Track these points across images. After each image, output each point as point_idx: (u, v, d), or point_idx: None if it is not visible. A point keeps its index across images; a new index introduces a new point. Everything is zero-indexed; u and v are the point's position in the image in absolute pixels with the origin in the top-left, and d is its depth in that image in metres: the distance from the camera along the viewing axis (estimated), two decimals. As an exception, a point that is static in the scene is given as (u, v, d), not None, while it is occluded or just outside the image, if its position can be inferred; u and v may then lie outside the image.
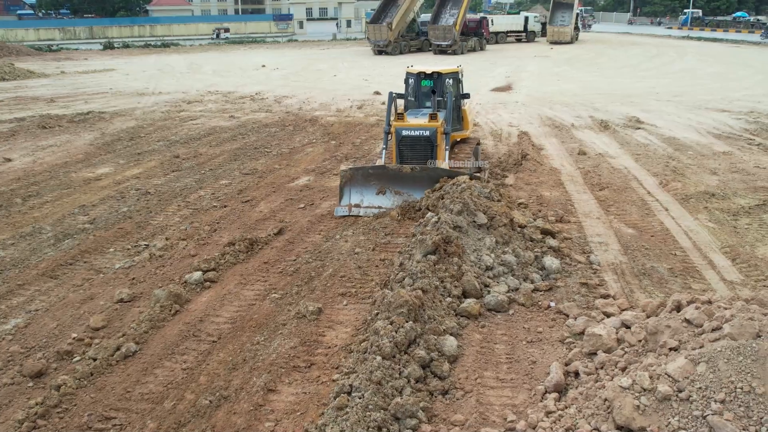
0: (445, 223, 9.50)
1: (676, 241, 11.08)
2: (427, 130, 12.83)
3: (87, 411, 6.60)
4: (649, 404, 5.44)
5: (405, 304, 7.53)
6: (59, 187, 14.74)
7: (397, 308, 7.52)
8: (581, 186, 14.39)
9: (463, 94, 15.00)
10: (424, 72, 14.35)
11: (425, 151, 12.94)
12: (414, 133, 12.92)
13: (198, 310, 8.73)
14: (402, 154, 13.14)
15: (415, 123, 13.14)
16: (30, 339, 8.11)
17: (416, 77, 14.47)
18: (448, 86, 14.24)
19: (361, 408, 6.06)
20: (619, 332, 7.00)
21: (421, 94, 14.51)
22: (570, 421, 5.91)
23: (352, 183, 12.59)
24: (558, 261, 9.76)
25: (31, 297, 9.29)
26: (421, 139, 12.88)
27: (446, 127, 13.13)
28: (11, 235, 11.66)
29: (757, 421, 5.01)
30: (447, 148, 13.11)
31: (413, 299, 7.68)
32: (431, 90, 14.23)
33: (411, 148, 13.03)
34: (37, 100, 28.40)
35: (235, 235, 11.24)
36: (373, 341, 7.11)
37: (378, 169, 12.71)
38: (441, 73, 14.24)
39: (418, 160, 12.75)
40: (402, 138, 12.97)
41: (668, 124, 21.48)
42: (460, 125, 14.83)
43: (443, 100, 13.86)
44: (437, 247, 8.99)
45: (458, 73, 14.67)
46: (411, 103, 14.63)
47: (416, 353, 7.05)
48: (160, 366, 7.45)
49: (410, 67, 14.92)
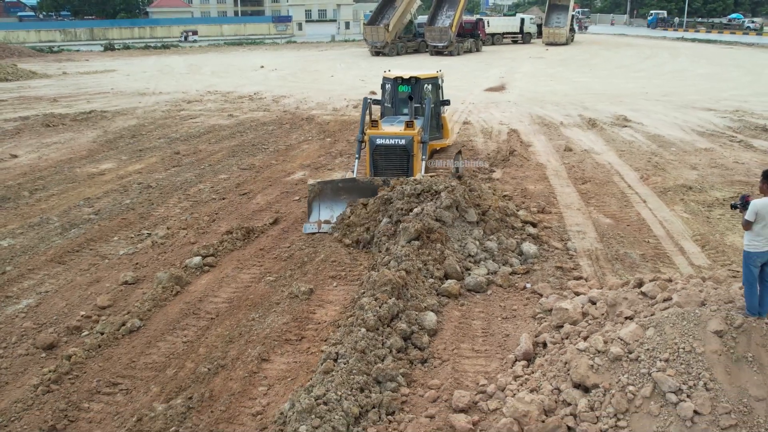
0: (428, 215, 10.00)
1: (650, 229, 11.70)
2: (402, 139, 12.02)
3: (96, 378, 7.22)
4: (602, 364, 6.06)
5: (389, 282, 8.15)
6: (64, 181, 15.35)
7: (381, 286, 8.15)
8: (565, 180, 15.01)
9: (443, 100, 14.24)
10: (401, 77, 13.63)
11: (401, 162, 12.14)
12: (389, 141, 12.09)
13: (197, 291, 9.35)
14: (376, 164, 12.29)
15: (391, 131, 12.31)
16: (41, 316, 8.72)
17: (393, 82, 13.72)
18: (427, 92, 13.63)
19: (346, 372, 6.68)
20: (585, 307, 7.61)
21: (398, 101, 13.72)
22: (535, 384, 6.54)
23: (321, 198, 11.66)
24: (536, 247, 10.39)
25: (41, 280, 9.90)
26: (396, 149, 12.08)
27: (423, 136, 12.37)
28: (20, 225, 12.26)
29: (695, 377, 5.63)
30: (424, 158, 12.32)
31: (397, 278, 8.30)
32: (409, 96, 13.32)
33: (386, 158, 12.22)
34: (40, 99, 29.02)
35: (233, 225, 11.85)
36: (358, 315, 7.74)
37: (348, 182, 11.75)
38: (419, 79, 13.54)
39: (393, 172, 11.91)
40: (376, 147, 12.16)
41: (654, 122, 22.10)
42: (439, 133, 14.20)
43: (421, 106, 13.05)
44: (419, 234, 9.57)
45: (438, 79, 14.07)
46: (387, 109, 13.90)
47: (398, 326, 7.68)
48: (162, 340, 8.06)
49: (387, 71, 14.18)
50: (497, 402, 6.51)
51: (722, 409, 5.43)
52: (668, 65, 42.66)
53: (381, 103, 14.06)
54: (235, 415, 6.57)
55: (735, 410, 5.43)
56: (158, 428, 6.28)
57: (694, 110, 24.55)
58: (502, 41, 62.99)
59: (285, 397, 6.70)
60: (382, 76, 14.12)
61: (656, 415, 5.51)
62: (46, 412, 6.60)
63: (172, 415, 6.45)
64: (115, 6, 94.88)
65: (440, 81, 14.19)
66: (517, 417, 6.01)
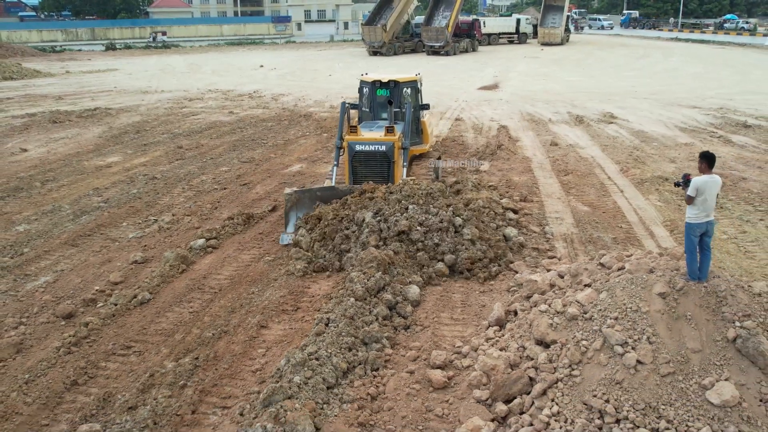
0: (412, 218, 9.96)
1: (624, 216, 12.52)
2: (383, 145, 11.64)
3: (111, 341, 8.03)
4: (560, 323, 6.88)
5: (374, 259, 8.97)
6: (73, 173, 16.15)
7: (368, 263, 8.96)
8: (548, 172, 15.82)
9: (422, 104, 13.86)
10: (379, 81, 13.21)
11: (382, 169, 11.77)
12: (369, 148, 11.69)
13: (202, 269, 10.16)
14: (355, 171, 11.89)
15: (370, 137, 11.93)
16: (59, 291, 9.53)
17: (371, 86, 13.30)
18: (406, 96, 13.23)
19: (336, 334, 7.50)
20: (553, 279, 8.41)
21: (377, 105, 13.35)
22: (504, 344, 7.36)
23: (298, 207, 11.20)
24: (516, 231, 11.19)
25: (56, 260, 10.71)
26: (376, 155, 11.72)
27: (404, 142, 12.04)
28: (34, 212, 13.07)
29: (640, 332, 6.43)
30: (405, 164, 11.98)
31: (383, 256, 9.11)
32: (387, 100, 12.86)
33: (366, 164, 11.83)
34: (45, 97, 29.82)
35: (234, 212, 12.67)
36: (348, 287, 8.55)
37: (326, 190, 11.34)
38: (398, 82, 13.15)
39: (373, 179, 11.44)
40: (355, 154, 11.76)
41: (640, 119, 22.92)
42: (419, 138, 13.81)
43: (401, 111, 12.67)
44: (401, 232, 9.79)
45: (417, 82, 13.68)
46: (366, 114, 13.48)
47: (384, 297, 8.50)
48: (170, 310, 8.87)
49: (364, 75, 13.72)
50: (470, 360, 7.33)
51: (662, 359, 6.22)
52: (660, 65, 43.46)
53: (359, 108, 13.57)
54: (237, 372, 7.38)
55: (673, 360, 6.23)
56: (168, 382, 7.08)
57: (680, 108, 25.37)
58: (498, 41, 63.83)
59: (282, 357, 7.50)
60: (360, 79, 13.62)
61: (605, 364, 6.31)
62: (68, 370, 7.41)
63: (180, 372, 7.26)
64: (115, 6, 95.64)
65: (419, 84, 13.76)
66: (486, 370, 6.82)
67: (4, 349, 7.84)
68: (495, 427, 6.26)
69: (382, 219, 9.92)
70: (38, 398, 6.91)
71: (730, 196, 13.66)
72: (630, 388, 6.07)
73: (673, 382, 6.08)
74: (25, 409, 6.75)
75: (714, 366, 6.19)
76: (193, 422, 6.53)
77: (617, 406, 5.97)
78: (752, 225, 11.97)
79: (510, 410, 6.46)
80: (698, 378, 6.12)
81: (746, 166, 16.19)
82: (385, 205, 10.18)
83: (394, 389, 6.90)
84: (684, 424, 5.83)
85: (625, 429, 5.84)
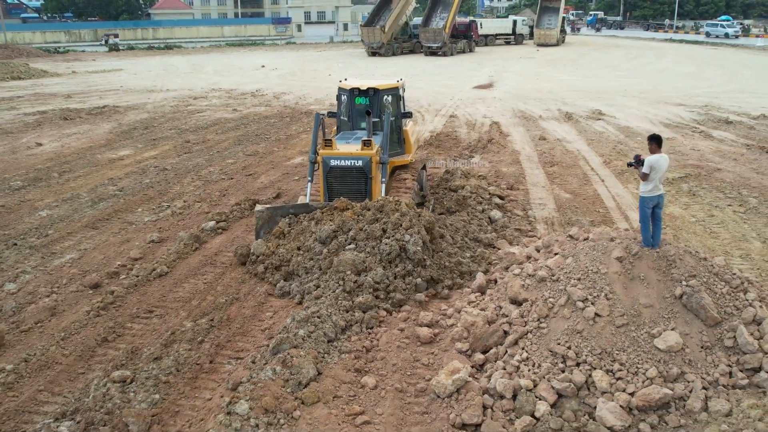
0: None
1: (603, 202, 13.51)
2: (359, 160, 10.86)
3: (135, 306, 9.02)
4: (531, 284, 7.87)
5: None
6: (88, 165, 17.15)
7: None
8: (535, 164, 16.82)
9: (405, 113, 12.81)
10: (358, 88, 12.24)
11: (359, 185, 11.05)
12: (345, 163, 10.93)
13: (213, 247, 11.15)
14: (331, 188, 11.15)
15: (346, 151, 11.08)
16: (84, 266, 10.52)
17: (349, 94, 12.36)
18: (386, 105, 12.32)
19: (333, 298, 8.47)
20: (529, 252, 9.40)
21: (355, 114, 12.51)
22: (484, 306, 8.34)
23: (270, 225, 10.73)
24: (501, 214, 12.19)
25: (79, 241, 11.70)
26: (352, 171, 10.95)
27: (383, 156, 11.16)
28: (54, 200, 14.06)
29: (599, 290, 7.41)
30: (384, 180, 11.17)
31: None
32: (366, 111, 11.92)
33: (341, 181, 11.09)
34: (54, 96, 30.83)
35: (241, 198, 13.66)
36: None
37: (300, 208, 10.85)
38: (378, 90, 12.11)
39: (350, 196, 10.72)
40: (330, 169, 10.99)
41: (627, 116, 23.93)
42: (401, 149, 12.87)
43: (380, 121, 11.87)
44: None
45: (399, 89, 12.70)
46: (344, 123, 12.76)
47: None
48: (186, 282, 9.86)
49: (343, 81, 12.80)
50: (454, 320, 8.32)
51: (617, 313, 7.21)
52: (652, 65, 44.46)
53: (337, 116, 12.91)
54: (248, 331, 8.38)
55: (627, 314, 7.21)
56: (188, 338, 8.06)
57: (666, 105, 26.38)
58: (495, 42, 64.88)
59: (287, 318, 8.48)
60: (338, 86, 12.81)
61: (568, 317, 7.30)
62: (98, 329, 8.40)
63: (198, 330, 8.25)
64: (117, 8, 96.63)
65: (401, 91, 12.83)
66: (467, 326, 7.82)
67: (40, 312, 8.84)
68: (473, 370, 7.24)
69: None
70: (74, 351, 7.90)
71: (703, 185, 14.66)
72: (589, 337, 7.05)
73: (626, 332, 7.06)
74: (63, 360, 7.74)
75: (662, 318, 7.18)
76: (211, 370, 7.51)
77: (577, 352, 6.95)
78: (720, 210, 12.97)
79: (486, 359, 7.45)
80: (648, 328, 7.10)
81: (722, 158, 17.19)
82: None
83: (386, 343, 7.88)
84: (634, 366, 6.82)
85: (583, 371, 6.82)
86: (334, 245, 9.47)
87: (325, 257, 9.36)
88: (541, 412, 6.52)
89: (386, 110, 12.07)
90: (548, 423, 6.44)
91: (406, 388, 7.07)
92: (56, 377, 7.43)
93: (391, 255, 9.23)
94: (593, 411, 6.52)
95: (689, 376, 6.75)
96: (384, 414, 6.64)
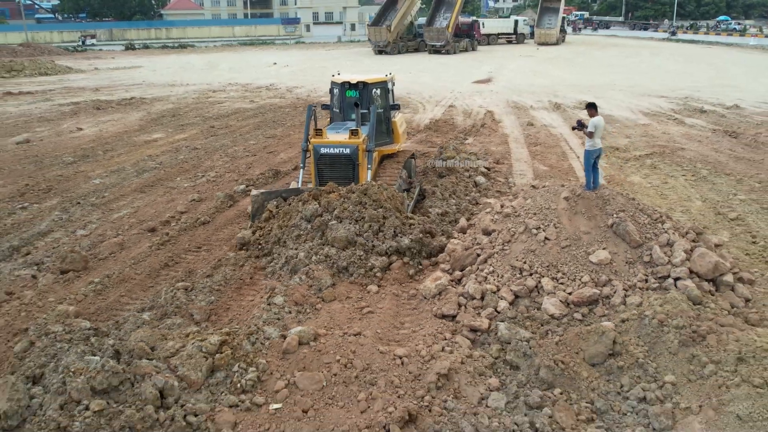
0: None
1: (575, 173, 15.73)
2: (347, 148, 11.90)
3: (186, 243, 11.32)
4: (498, 218, 10.12)
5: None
6: (127, 145, 19.51)
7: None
8: (521, 144, 19.05)
9: (393, 105, 13.82)
10: (348, 82, 13.21)
11: (346, 171, 12.05)
12: (333, 151, 11.98)
13: (244, 205, 13.44)
14: (321, 173, 12.17)
15: (335, 140, 12.12)
16: (140, 217, 12.85)
17: (341, 87, 13.38)
18: (375, 97, 13.32)
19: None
20: (503, 202, 11.63)
21: (346, 106, 13.51)
22: (463, 239, 10.59)
23: (264, 210, 11.55)
24: (485, 180, 14.45)
25: (132, 200, 14.03)
26: (341, 158, 11.99)
27: (369, 144, 12.13)
28: (104, 171, 16.40)
29: (549, 221, 9.64)
30: (370, 167, 12.10)
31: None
32: (355, 102, 12.94)
33: (331, 167, 12.12)
34: (83, 89, 33.29)
35: (264, 169, 15.97)
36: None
37: (292, 192, 11.72)
38: (367, 83, 13.08)
39: (338, 181, 11.66)
40: (320, 156, 12.03)
41: (611, 105, 26.10)
42: (390, 138, 13.80)
43: (368, 112, 12.81)
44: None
45: (387, 83, 13.60)
46: (336, 115, 13.80)
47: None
48: (225, 228, 12.16)
49: (335, 75, 13.90)
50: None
51: (563, 237, 9.44)
52: (645, 63, 46.54)
53: (330, 108, 14.01)
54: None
55: (570, 238, 9.44)
56: (232, 263, 10.33)
57: (650, 97, 28.53)
58: (497, 41, 67.10)
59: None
60: (330, 80, 13.95)
61: (525, 241, 9.53)
62: (160, 257, 10.71)
63: (239, 258, 10.52)
64: (131, 8, 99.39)
65: (390, 85, 13.79)
66: (449, 252, 10.08)
67: (111, 246, 11.16)
68: (452, 283, 9.49)
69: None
70: (143, 271, 10.21)
71: (666, 161, 16.86)
72: (540, 254, 9.29)
73: (569, 251, 9.29)
74: (136, 277, 10.04)
75: (597, 242, 9.40)
76: (251, 283, 9.79)
77: (531, 266, 9.18)
78: (674, 179, 15.17)
79: (463, 275, 9.70)
80: (585, 248, 9.32)
81: (688, 140, 19.36)
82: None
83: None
84: (573, 275, 9.04)
85: (534, 278, 9.05)
86: (317, 222, 10.56)
87: (308, 233, 10.45)
88: (502, 307, 8.75)
89: (374, 102, 13.13)
90: (506, 314, 8.68)
91: (401, 293, 9.33)
92: (132, 288, 9.72)
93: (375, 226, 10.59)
94: (540, 306, 8.76)
95: (614, 282, 8.96)
96: (384, 308, 8.90)
